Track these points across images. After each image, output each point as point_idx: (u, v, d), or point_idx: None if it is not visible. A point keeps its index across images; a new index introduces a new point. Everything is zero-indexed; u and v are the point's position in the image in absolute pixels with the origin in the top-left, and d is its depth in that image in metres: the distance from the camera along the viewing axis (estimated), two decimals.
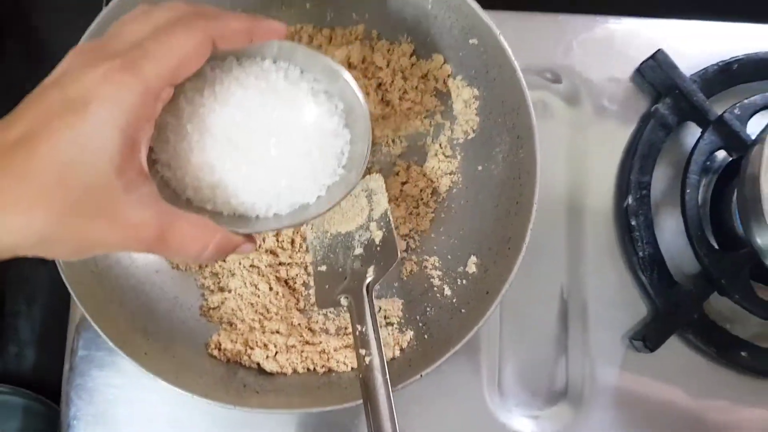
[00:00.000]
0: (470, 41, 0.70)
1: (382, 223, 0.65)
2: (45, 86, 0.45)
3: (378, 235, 0.65)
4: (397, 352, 0.70)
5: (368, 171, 0.75)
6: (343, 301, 0.64)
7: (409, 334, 0.71)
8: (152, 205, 0.46)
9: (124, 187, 0.44)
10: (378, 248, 0.64)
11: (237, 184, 0.55)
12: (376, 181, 0.68)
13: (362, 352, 0.60)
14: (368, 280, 0.63)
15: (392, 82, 0.74)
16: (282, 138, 0.55)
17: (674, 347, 0.76)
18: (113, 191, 0.43)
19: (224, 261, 0.73)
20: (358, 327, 0.62)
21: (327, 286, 0.66)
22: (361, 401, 0.61)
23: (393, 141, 0.76)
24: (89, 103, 0.42)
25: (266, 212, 0.58)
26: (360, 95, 0.59)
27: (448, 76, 0.74)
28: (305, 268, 0.74)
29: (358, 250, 0.66)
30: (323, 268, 0.68)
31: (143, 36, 0.46)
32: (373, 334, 0.61)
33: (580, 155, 0.80)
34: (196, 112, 0.53)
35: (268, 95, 0.55)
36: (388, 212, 0.65)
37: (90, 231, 0.44)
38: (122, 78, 0.43)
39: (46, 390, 0.90)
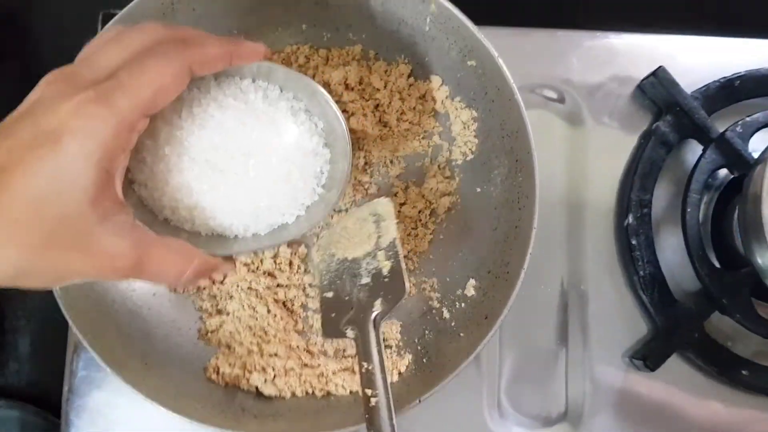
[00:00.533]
0: (468, 63, 0.70)
1: (390, 253, 0.63)
2: (16, 117, 0.45)
3: (386, 266, 0.63)
4: (395, 377, 0.70)
5: (366, 193, 0.75)
6: (350, 334, 0.63)
7: (408, 357, 0.72)
8: (128, 234, 0.46)
9: (98, 217, 0.44)
10: (386, 280, 0.62)
11: (215, 205, 0.55)
12: (385, 206, 0.66)
13: (368, 392, 0.58)
14: (375, 313, 0.62)
15: (390, 103, 0.75)
16: (261, 159, 0.56)
17: (675, 366, 0.76)
18: (88, 222, 0.44)
19: (222, 283, 0.73)
20: (364, 364, 0.60)
21: (333, 315, 0.65)
22: (361, 426, 0.61)
23: (391, 162, 0.76)
24: (62, 135, 0.42)
25: (245, 232, 0.58)
26: (339, 114, 0.60)
27: (446, 97, 0.74)
28: (303, 290, 0.74)
29: (365, 279, 0.64)
30: (330, 294, 0.66)
31: (117, 63, 0.46)
32: (380, 373, 0.59)
33: (580, 173, 0.80)
34: (174, 133, 0.53)
35: (247, 116, 0.55)
36: (397, 242, 0.63)
37: (65, 262, 0.44)
38: (96, 111, 0.43)
39: (47, 405, 0.90)
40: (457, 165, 0.75)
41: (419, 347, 0.72)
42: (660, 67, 0.78)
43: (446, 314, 0.72)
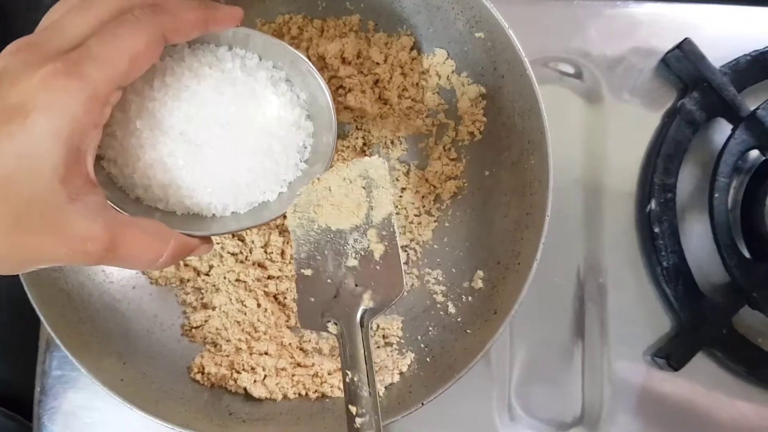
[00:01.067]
0: (476, 35, 0.69)
1: (384, 233, 0.58)
2: None
3: (378, 249, 0.58)
4: (396, 377, 0.69)
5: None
6: (331, 329, 0.57)
7: (410, 356, 0.70)
8: (100, 215, 0.45)
9: (69, 197, 0.43)
10: (377, 267, 0.57)
11: (191, 182, 0.54)
12: (378, 169, 0.59)
13: (352, 409, 0.53)
14: (362, 309, 0.56)
15: (390, 78, 0.73)
16: (240, 132, 0.55)
17: (701, 365, 0.76)
18: (58, 203, 0.43)
19: (208, 275, 0.73)
20: (348, 373, 0.54)
21: (312, 300, 0.58)
22: None
23: (392, 142, 0.75)
24: (29, 111, 0.42)
25: (223, 211, 0.57)
26: (323, 84, 0.58)
27: (452, 72, 0.73)
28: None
29: (352, 261, 0.58)
30: (308, 272, 0.59)
31: (86, 31, 0.45)
32: (368, 387, 0.53)
33: (598, 155, 0.79)
34: (146, 105, 0.52)
35: (224, 86, 0.54)
36: (393, 219, 0.58)
37: (34, 246, 0.43)
38: (65, 83, 0.42)
39: (17, 406, 0.89)
40: (463, 146, 0.74)
41: (422, 345, 0.71)
42: (686, 39, 0.77)
43: (452, 309, 0.71)
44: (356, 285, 0.58)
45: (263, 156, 0.56)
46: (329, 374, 0.70)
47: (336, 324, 0.57)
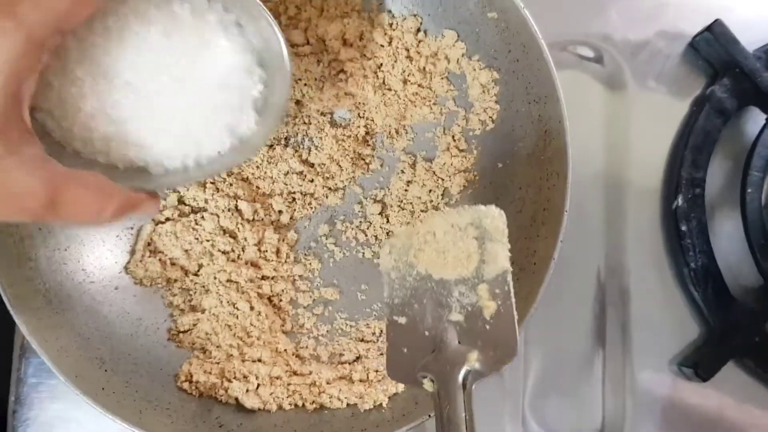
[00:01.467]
0: (488, 15, 0.68)
1: (497, 290, 0.55)
2: None
3: (489, 307, 0.54)
4: (401, 387, 0.68)
5: (368, 169, 0.73)
6: (427, 385, 0.53)
7: None
8: (38, 169, 0.45)
9: (5, 151, 0.43)
10: (487, 327, 0.54)
11: (137, 134, 0.53)
12: (495, 220, 0.57)
13: None
14: (466, 369, 0.52)
15: (395, 62, 0.72)
16: (189, 80, 0.53)
17: (731, 375, 0.75)
18: None
19: (197, 275, 0.72)
20: None
21: (405, 350, 0.56)
22: None
23: (396, 132, 0.74)
24: None
25: (170, 164, 0.56)
26: (276, 29, 0.56)
27: (462, 55, 0.72)
28: (293, 283, 0.72)
29: (456, 315, 0.55)
30: (402, 319, 0.57)
31: None
32: None
33: (620, 147, 0.78)
34: (87, 52, 0.51)
35: (172, 30, 0.53)
36: (508, 277, 0.55)
37: None
38: (0, 24, 0.41)
39: None
40: (474, 136, 0.73)
41: None
42: (716, 20, 0.76)
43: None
44: (459, 342, 0.54)
45: (214, 106, 0.55)
46: (328, 383, 0.69)
47: (432, 381, 0.53)
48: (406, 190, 0.73)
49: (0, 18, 0.41)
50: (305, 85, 0.72)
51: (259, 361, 0.69)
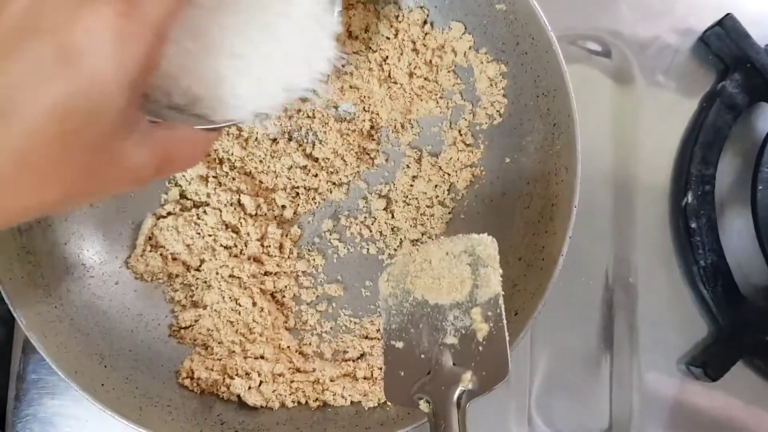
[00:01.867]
0: (497, 6, 0.67)
1: (489, 313, 0.57)
2: (23, 27, 0.42)
3: (482, 329, 0.56)
4: None
5: (372, 163, 0.73)
6: (423, 406, 0.55)
7: None
8: (149, 141, 0.47)
9: (126, 132, 0.45)
10: (480, 348, 0.56)
11: (232, 90, 0.55)
12: (487, 248, 0.60)
13: None
14: (461, 388, 0.54)
15: (401, 55, 0.72)
16: (276, 31, 0.55)
17: (740, 375, 0.74)
18: (118, 141, 0.45)
19: (198, 270, 0.71)
20: None
21: (402, 373, 0.58)
22: None
23: (402, 126, 0.74)
24: (92, 56, 0.41)
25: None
26: None
27: (470, 48, 0.71)
28: (296, 279, 0.72)
29: (451, 339, 0.57)
30: (399, 344, 0.59)
31: None
32: None
33: (629, 143, 0.78)
34: (194, 21, 0.52)
35: None
36: (500, 300, 0.57)
37: (97, 184, 0.45)
38: (129, 28, 0.41)
39: None
40: (481, 130, 0.73)
41: None
42: (727, 14, 0.76)
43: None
44: (454, 364, 0.56)
45: (300, 50, 0.57)
46: (331, 381, 0.68)
47: (428, 402, 0.55)
48: (411, 186, 0.73)
49: (128, 21, 0.41)
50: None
51: (262, 357, 0.69)
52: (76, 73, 0.40)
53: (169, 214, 0.71)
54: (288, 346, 0.70)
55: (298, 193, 0.73)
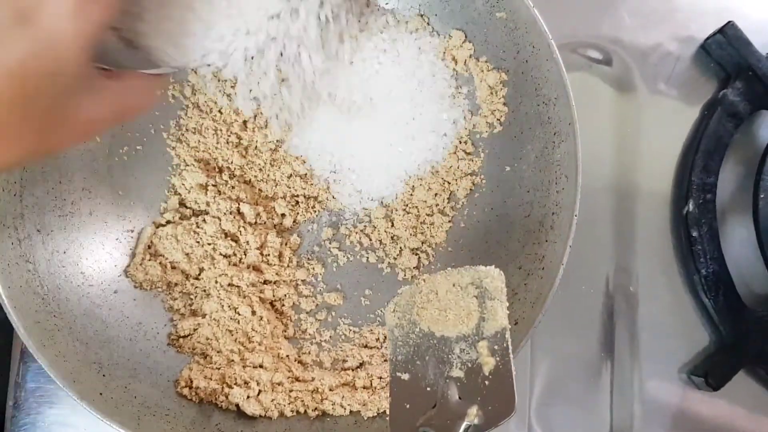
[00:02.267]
0: (497, 15, 0.67)
1: (496, 348, 0.56)
2: None
3: (488, 363, 0.56)
4: None
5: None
6: None
7: None
8: (105, 95, 0.49)
9: (82, 90, 0.47)
10: (486, 383, 0.55)
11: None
12: (494, 281, 0.59)
13: None
14: (466, 423, 0.54)
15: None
16: None
17: (742, 384, 0.74)
18: (71, 97, 0.46)
19: (198, 279, 0.71)
20: None
21: (407, 405, 0.57)
22: None
23: None
24: (50, 18, 0.42)
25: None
26: None
27: (470, 56, 0.71)
28: (295, 288, 0.72)
29: (457, 372, 0.57)
30: (405, 376, 0.59)
31: None
32: None
33: (630, 151, 0.78)
34: None
35: None
36: (507, 334, 0.57)
37: (54, 138, 0.47)
38: None
39: None
40: (482, 138, 0.73)
41: None
42: (729, 22, 0.76)
43: None
44: (460, 398, 0.56)
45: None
46: (331, 390, 0.68)
47: None
48: (411, 194, 0.73)
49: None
50: None
51: (261, 366, 0.69)
52: (34, 35, 0.42)
53: (168, 222, 0.71)
54: (287, 355, 0.70)
55: (297, 202, 0.73)
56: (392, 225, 0.73)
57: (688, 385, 0.75)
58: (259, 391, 0.68)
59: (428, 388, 0.57)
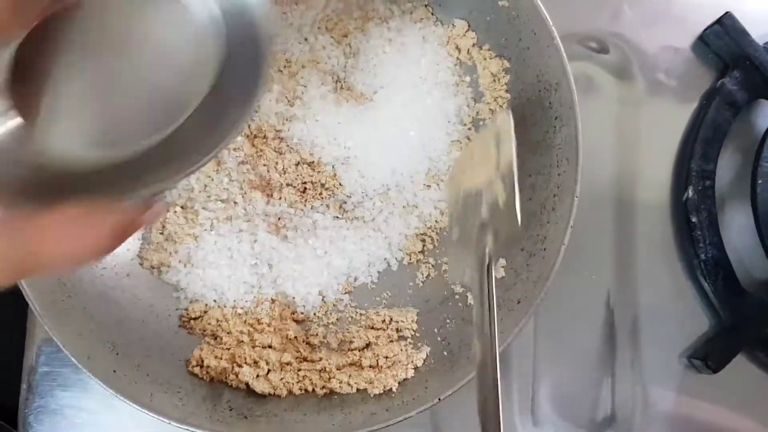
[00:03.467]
0: (500, 3, 0.69)
1: (507, 180, 0.59)
2: None
3: (502, 196, 0.59)
4: (411, 372, 0.68)
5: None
6: (466, 278, 0.60)
7: (425, 350, 0.70)
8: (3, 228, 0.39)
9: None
10: (500, 213, 0.59)
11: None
12: (503, 123, 0.61)
13: (476, 343, 0.57)
14: (486, 251, 0.59)
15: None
16: None
17: (741, 367, 0.75)
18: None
19: None
20: (474, 314, 0.58)
21: (457, 258, 0.64)
22: (369, 429, 0.61)
23: None
24: None
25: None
26: None
27: (473, 45, 0.73)
28: None
29: (485, 214, 0.61)
30: (455, 234, 0.64)
31: None
32: (488, 325, 0.56)
33: (631, 139, 0.78)
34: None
35: None
36: (513, 165, 0.59)
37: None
38: None
39: (2, 411, 0.88)
40: (485, 125, 0.73)
41: (439, 338, 0.70)
42: (727, 13, 0.77)
43: (471, 300, 0.70)
44: (481, 233, 0.60)
45: None
46: (338, 369, 0.69)
47: (470, 275, 0.60)
48: (415, 181, 0.73)
49: None
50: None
51: (270, 347, 0.70)
52: None
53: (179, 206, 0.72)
54: (295, 336, 0.71)
55: (305, 189, 0.74)
56: (398, 210, 0.73)
57: (688, 368, 0.75)
58: (268, 371, 0.69)
59: (468, 237, 0.61)
